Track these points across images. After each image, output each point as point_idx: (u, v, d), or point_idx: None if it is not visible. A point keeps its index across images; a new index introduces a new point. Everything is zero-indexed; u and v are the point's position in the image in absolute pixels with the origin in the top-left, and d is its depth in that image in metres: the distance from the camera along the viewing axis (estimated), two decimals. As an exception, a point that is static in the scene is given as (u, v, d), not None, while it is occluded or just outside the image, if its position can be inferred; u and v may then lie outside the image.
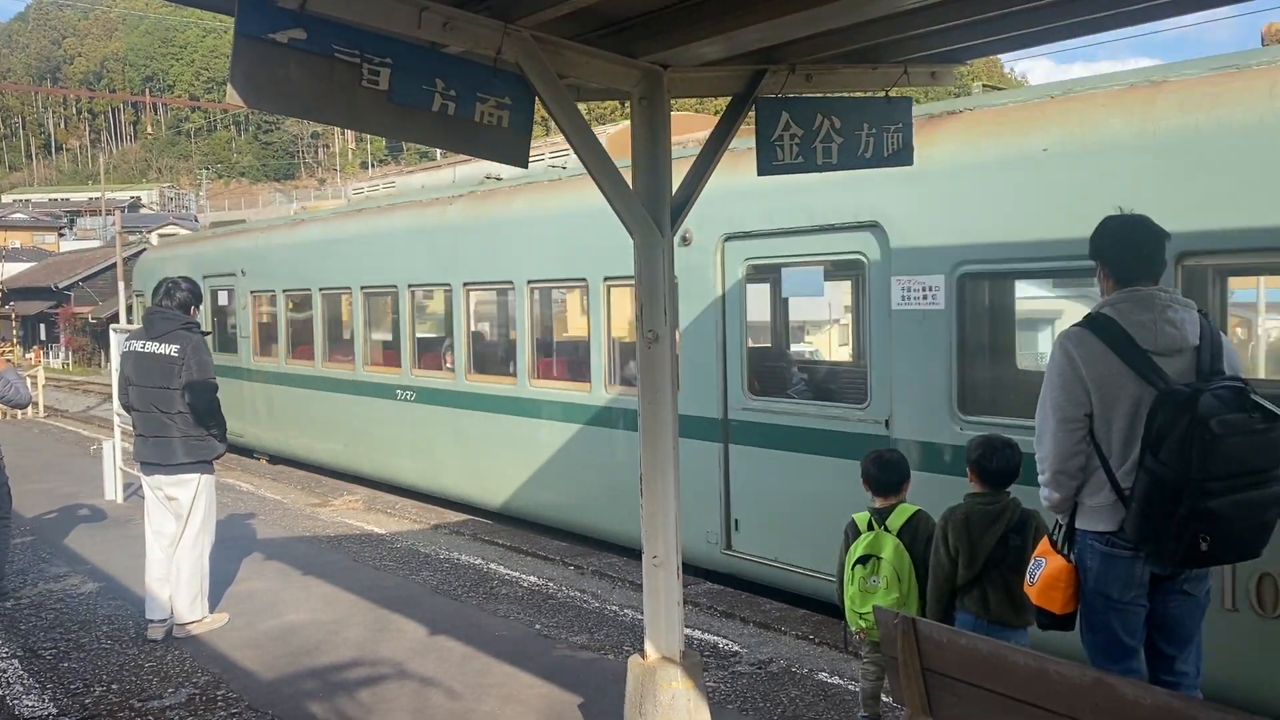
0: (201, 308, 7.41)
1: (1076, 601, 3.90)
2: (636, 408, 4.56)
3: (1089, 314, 3.86)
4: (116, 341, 10.28)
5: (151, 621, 6.63)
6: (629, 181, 4.42)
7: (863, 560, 4.73)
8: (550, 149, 11.16)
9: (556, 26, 4.00)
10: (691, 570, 7.50)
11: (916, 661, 3.72)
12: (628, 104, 4.59)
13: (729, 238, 7.84)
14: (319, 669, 6.04)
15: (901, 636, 3.73)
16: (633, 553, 8.51)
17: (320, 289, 13.50)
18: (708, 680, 5.66)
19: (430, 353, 12.03)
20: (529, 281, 10.06)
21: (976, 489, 4.51)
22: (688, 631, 6.09)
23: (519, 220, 10.21)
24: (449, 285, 11.19)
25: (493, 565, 8.66)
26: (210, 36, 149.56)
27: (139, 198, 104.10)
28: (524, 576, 8.28)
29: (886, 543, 4.68)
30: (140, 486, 7.21)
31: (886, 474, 4.84)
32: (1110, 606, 3.84)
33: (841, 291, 11.32)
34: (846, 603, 4.81)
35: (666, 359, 4.46)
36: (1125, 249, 3.87)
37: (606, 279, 9.06)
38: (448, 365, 11.40)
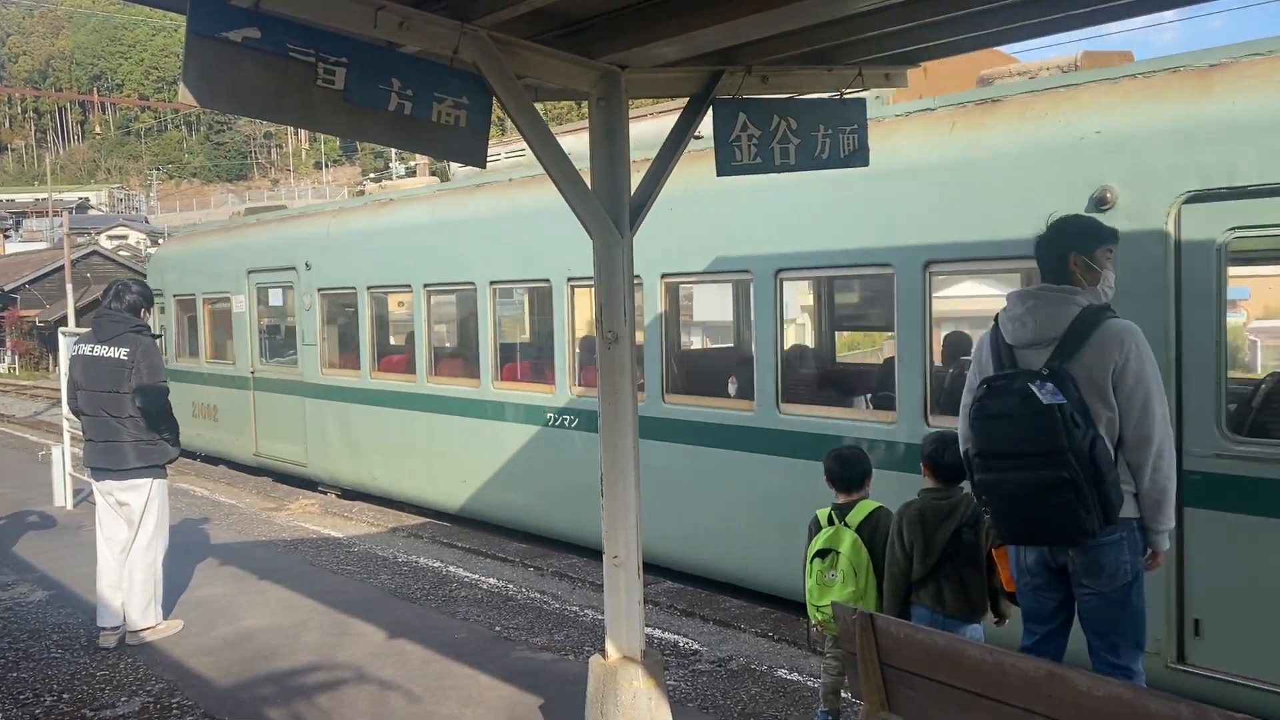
0: (152, 311, 7.16)
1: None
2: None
3: None
4: (66, 345, 10.04)
5: (103, 629, 6.54)
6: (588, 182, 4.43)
7: (821, 554, 4.78)
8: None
9: (514, 26, 3.99)
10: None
11: (875, 657, 3.77)
12: (585, 105, 4.60)
13: (1194, 198, 5.39)
14: (276, 674, 5.97)
15: (860, 632, 3.77)
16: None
17: (427, 285, 10.77)
18: (669, 679, 5.67)
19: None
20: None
21: (930, 484, 4.57)
22: (648, 630, 6.10)
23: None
24: (638, 279, 8.13)
25: (452, 568, 8.62)
26: (160, 35, 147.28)
27: (87, 199, 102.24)
28: (484, 579, 8.25)
29: (845, 537, 4.73)
30: (90, 492, 7.09)
31: (848, 470, 4.88)
32: (1019, 589, 4.17)
33: None
34: (806, 596, 4.86)
35: (626, 359, 4.48)
36: (1037, 251, 4.11)
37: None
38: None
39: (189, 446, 14.66)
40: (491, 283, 9.96)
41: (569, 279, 9.05)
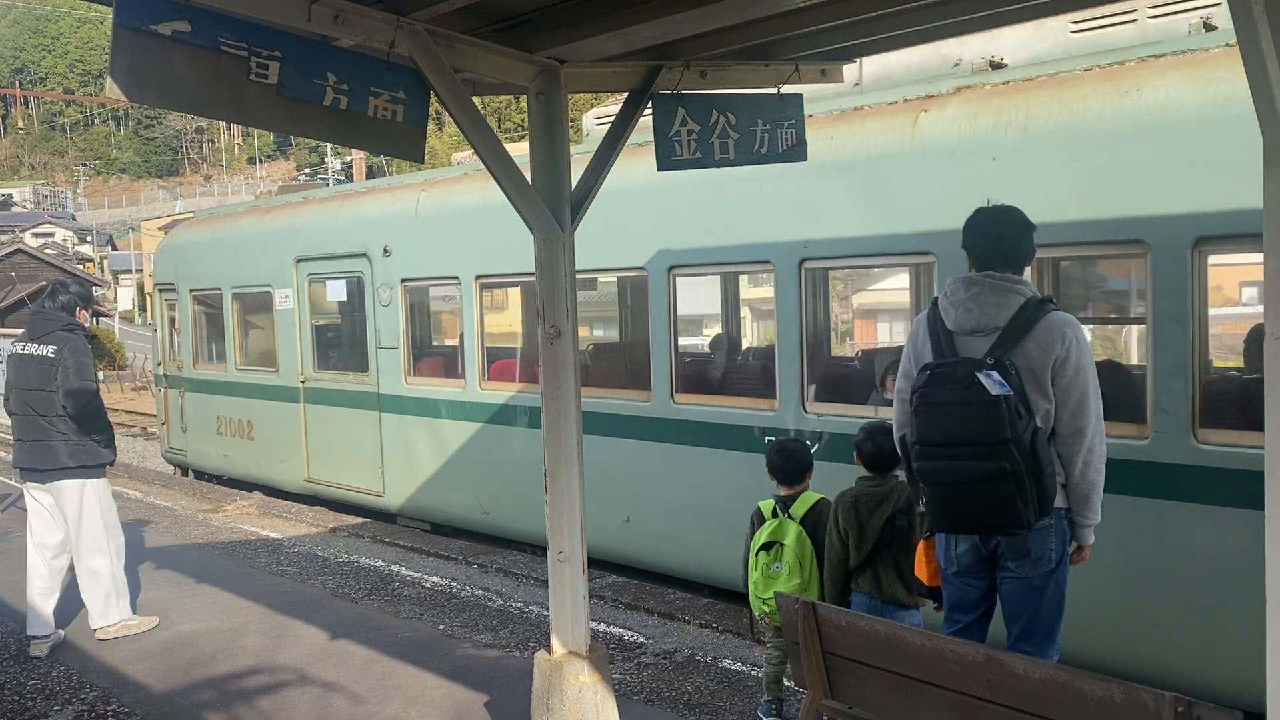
0: (89, 311, 6.77)
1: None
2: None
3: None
4: (3, 346, 9.74)
5: (34, 638, 6.36)
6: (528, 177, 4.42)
7: (766, 546, 4.82)
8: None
9: (451, 20, 3.96)
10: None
11: (818, 645, 3.82)
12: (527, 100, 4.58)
13: None
14: (216, 678, 5.88)
15: (802, 621, 3.82)
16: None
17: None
18: (614, 672, 5.69)
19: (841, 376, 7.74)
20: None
21: (865, 473, 4.64)
22: (593, 625, 6.11)
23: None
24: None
25: (394, 567, 8.54)
26: (85, 27, 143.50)
27: (10, 195, 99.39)
28: (426, 577, 8.19)
29: (789, 529, 4.78)
30: (19, 497, 6.91)
31: (790, 463, 4.93)
32: (945, 579, 4.19)
33: None
34: (750, 588, 4.90)
35: (569, 354, 4.48)
36: (976, 238, 4.07)
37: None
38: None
39: (213, 470, 13.15)
40: (672, 268, 7.60)
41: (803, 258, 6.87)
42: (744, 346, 10.00)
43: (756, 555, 4.86)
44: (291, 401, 11.47)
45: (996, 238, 4.04)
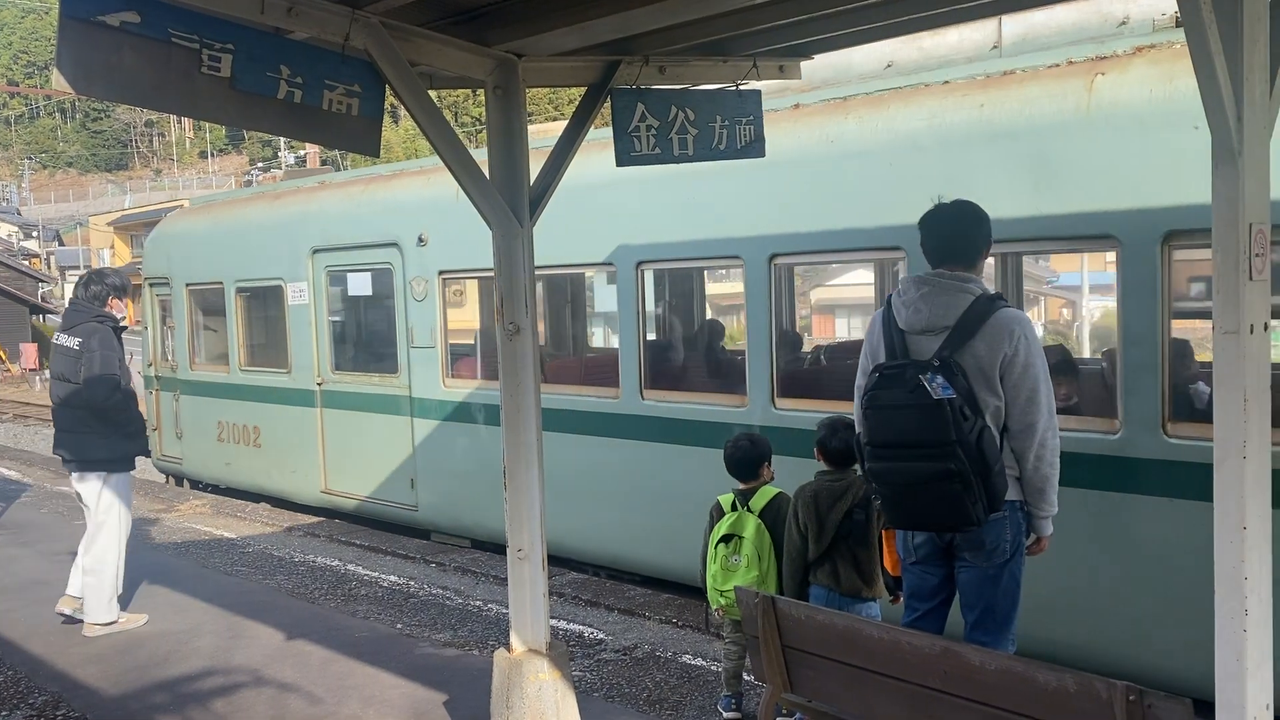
0: (124, 300, 6.84)
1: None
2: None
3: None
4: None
5: (66, 594, 6.74)
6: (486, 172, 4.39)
7: (725, 539, 4.85)
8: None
9: (407, 13, 3.92)
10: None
11: (777, 639, 3.84)
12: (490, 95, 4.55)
13: None
14: (169, 681, 5.79)
15: (762, 615, 3.84)
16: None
17: (643, 263, 7.39)
18: (574, 669, 5.68)
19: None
20: None
21: (824, 468, 4.68)
22: (553, 622, 6.09)
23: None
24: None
25: (351, 566, 8.47)
26: (30, 17, 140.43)
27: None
28: (384, 576, 8.13)
29: (748, 522, 4.80)
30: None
31: (745, 457, 4.95)
32: (904, 568, 4.26)
33: None
34: (709, 581, 4.92)
35: (528, 351, 4.47)
36: (927, 236, 4.12)
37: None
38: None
39: (213, 479, 12.29)
40: (773, 257, 6.64)
41: None
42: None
43: (715, 548, 4.88)
44: (306, 405, 10.48)
45: (948, 235, 4.07)
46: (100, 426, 6.40)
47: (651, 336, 7.98)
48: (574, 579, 8.15)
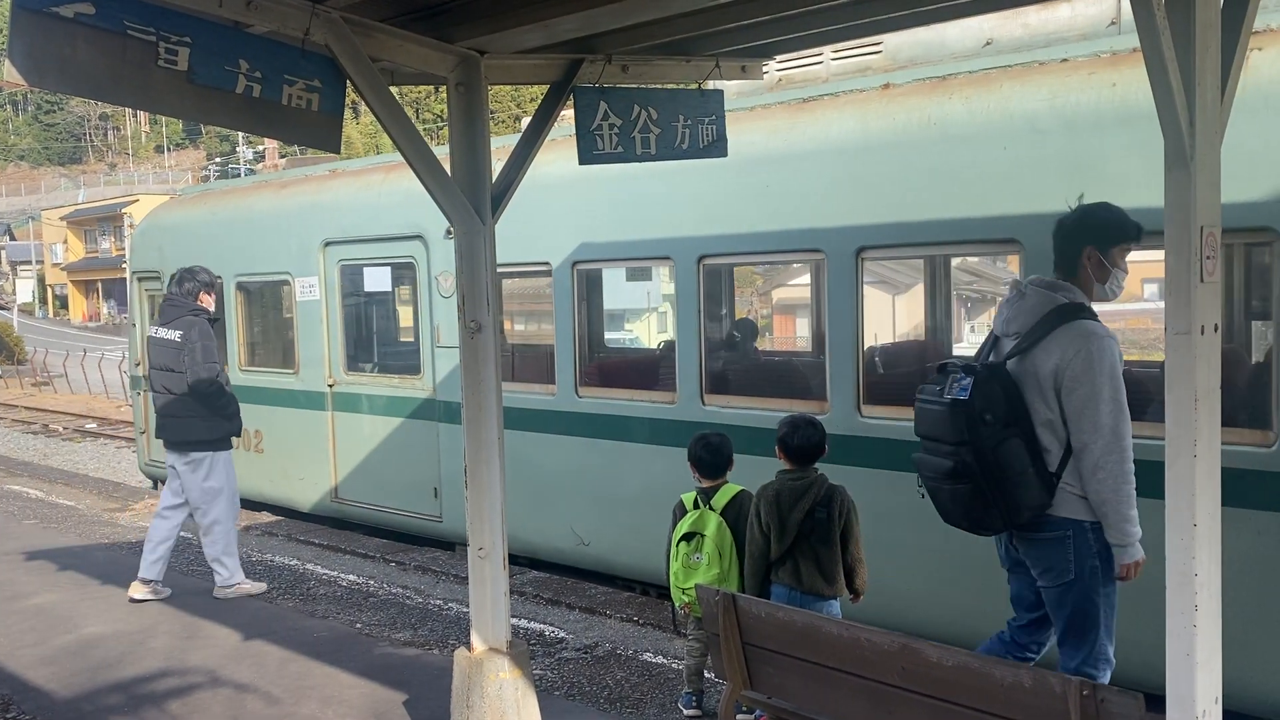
0: (215, 296, 7.53)
1: None
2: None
3: None
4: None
5: (140, 579, 7.23)
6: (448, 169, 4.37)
7: (687, 537, 4.87)
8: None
9: (368, 8, 3.90)
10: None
11: (737, 636, 3.86)
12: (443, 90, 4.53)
13: None
14: (123, 682, 5.71)
15: (723, 613, 3.85)
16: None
17: (705, 257, 6.87)
18: (535, 668, 5.67)
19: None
20: None
21: (786, 466, 4.70)
22: (514, 621, 6.08)
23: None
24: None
25: (309, 565, 8.39)
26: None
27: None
28: (343, 575, 8.07)
29: (710, 520, 4.82)
30: None
31: (712, 455, 4.97)
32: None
33: None
34: (671, 579, 4.93)
35: (490, 349, 4.46)
36: (1055, 237, 4.10)
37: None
38: None
39: None
40: (861, 251, 6.08)
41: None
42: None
43: (677, 546, 4.90)
44: (316, 409, 9.84)
45: (1054, 242, 4.07)
46: (202, 410, 7.05)
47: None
48: (535, 578, 8.14)
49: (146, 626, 6.66)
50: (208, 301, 7.34)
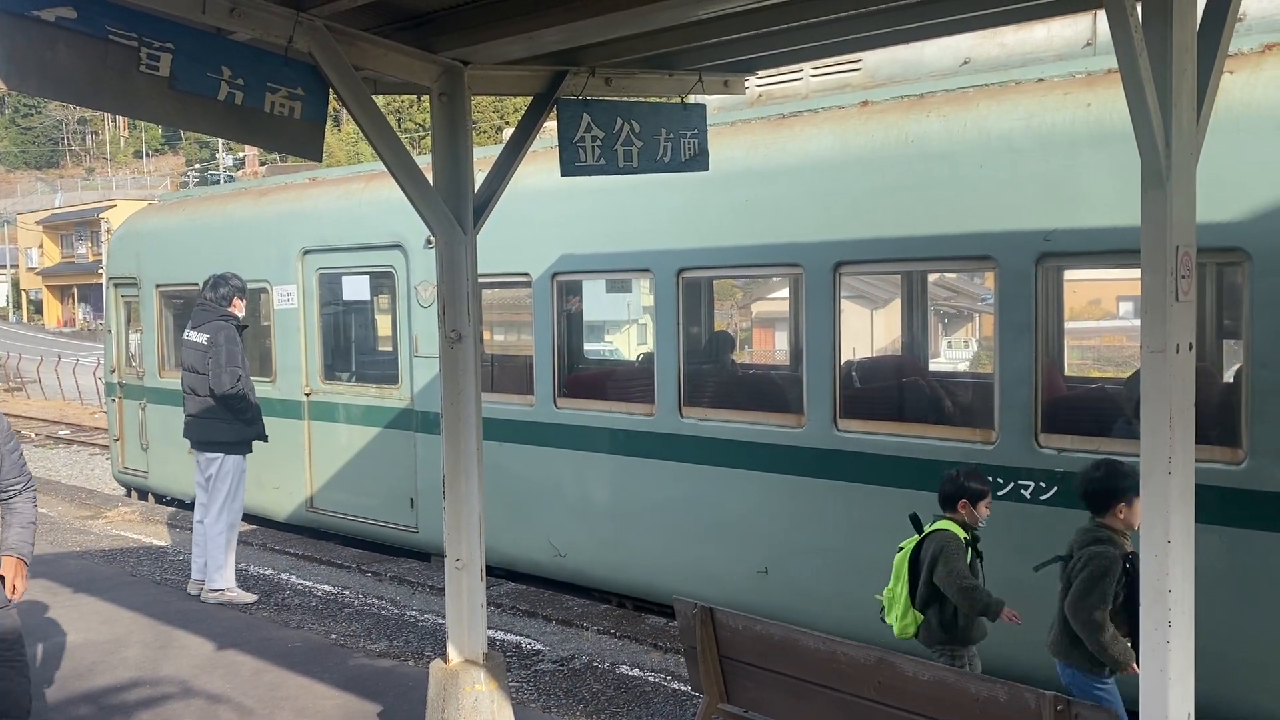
0: (244, 302, 7.65)
1: None
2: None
3: None
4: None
5: (191, 579, 7.56)
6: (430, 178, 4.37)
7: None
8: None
9: (352, 18, 3.90)
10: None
11: (714, 649, 3.86)
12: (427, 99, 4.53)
13: None
14: (94, 692, 5.64)
15: (700, 625, 3.85)
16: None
17: (683, 270, 6.89)
18: (511, 680, 5.65)
19: None
20: None
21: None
22: (491, 633, 6.05)
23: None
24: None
25: (284, 575, 8.33)
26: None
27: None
28: (318, 585, 8.01)
29: (901, 552, 4.55)
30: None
31: (952, 491, 4.58)
32: None
33: None
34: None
35: (470, 359, 4.45)
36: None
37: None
38: None
39: (182, 494, 11.05)
40: (839, 265, 6.13)
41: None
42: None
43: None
44: (292, 417, 9.69)
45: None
46: (224, 413, 7.26)
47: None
48: (511, 589, 8.11)
49: (118, 636, 6.59)
50: (239, 307, 7.53)
